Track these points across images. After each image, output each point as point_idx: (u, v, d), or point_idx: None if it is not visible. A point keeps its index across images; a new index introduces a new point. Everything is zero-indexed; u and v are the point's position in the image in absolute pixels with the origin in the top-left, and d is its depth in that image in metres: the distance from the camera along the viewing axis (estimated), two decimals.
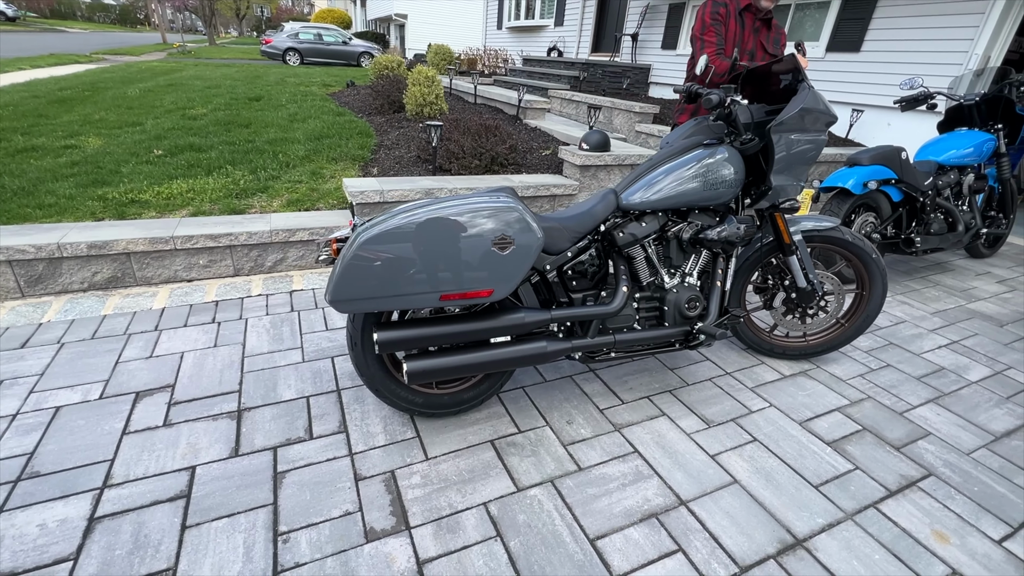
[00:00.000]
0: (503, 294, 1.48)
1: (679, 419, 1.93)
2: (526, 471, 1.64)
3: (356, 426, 1.79)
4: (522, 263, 1.46)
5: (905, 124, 4.96)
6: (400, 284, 1.39)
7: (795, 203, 1.90)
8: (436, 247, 1.38)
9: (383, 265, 1.36)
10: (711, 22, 2.54)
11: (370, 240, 1.35)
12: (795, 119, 1.74)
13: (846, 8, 5.34)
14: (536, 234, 1.46)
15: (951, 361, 2.43)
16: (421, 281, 1.39)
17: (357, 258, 1.35)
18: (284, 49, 17.88)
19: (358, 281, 1.37)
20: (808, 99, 1.73)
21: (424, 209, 1.40)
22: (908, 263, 3.72)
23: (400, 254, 1.36)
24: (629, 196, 1.80)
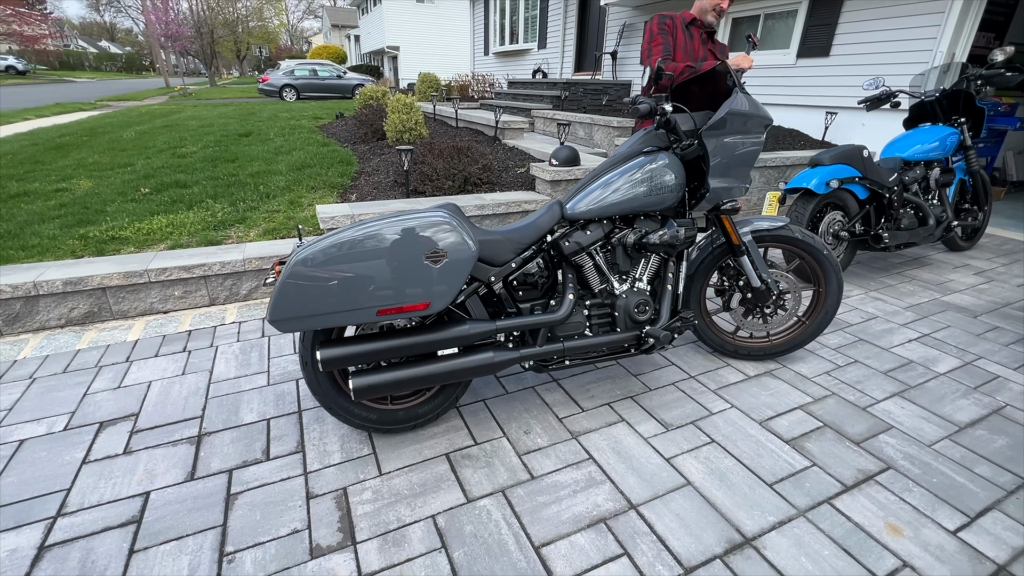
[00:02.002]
0: (440, 307, 1.51)
1: (638, 424, 1.93)
2: (478, 482, 1.64)
3: (314, 445, 1.80)
4: (456, 276, 1.50)
5: (879, 123, 5.01)
6: (335, 301, 1.42)
7: (736, 204, 1.93)
8: (369, 264, 1.42)
9: (317, 284, 1.40)
10: (658, 31, 2.63)
11: (302, 260, 1.40)
12: (724, 123, 1.78)
13: (813, 15, 5.45)
14: (469, 247, 1.50)
15: (920, 354, 2.42)
16: (356, 297, 1.43)
17: (291, 278, 1.39)
18: (280, 86, 18.42)
19: (294, 300, 1.41)
20: (735, 103, 1.78)
21: (358, 228, 1.45)
22: (885, 259, 3.72)
23: (333, 272, 1.41)
24: (574, 206, 1.84)
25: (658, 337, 1.84)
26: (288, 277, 1.40)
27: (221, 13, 36.45)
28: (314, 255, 1.40)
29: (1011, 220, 4.76)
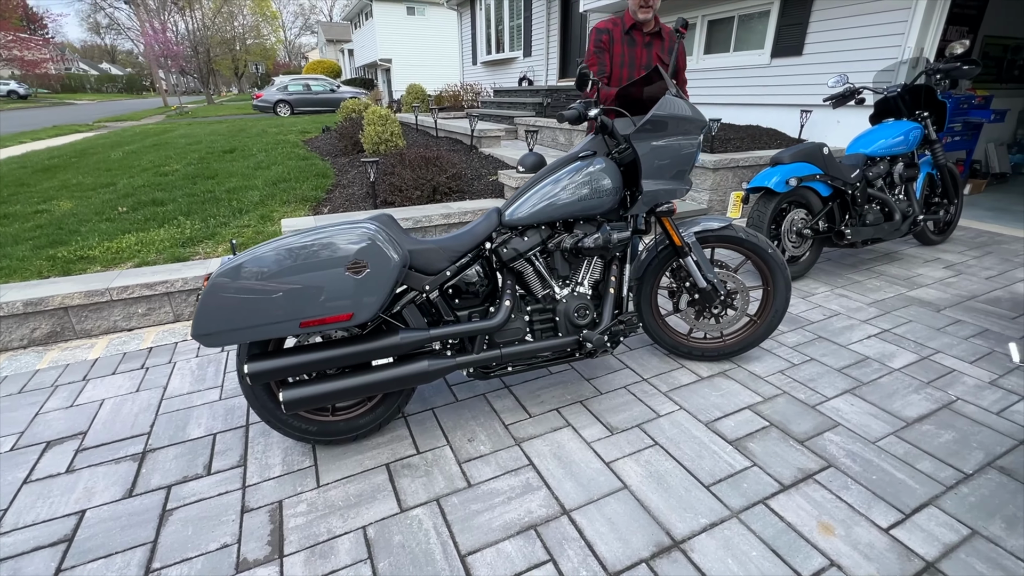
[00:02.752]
0: (365, 317, 1.52)
1: (583, 429, 1.92)
2: (414, 492, 1.64)
3: (256, 459, 1.81)
4: (380, 286, 1.51)
5: (854, 120, 5.01)
6: (257, 314, 1.44)
7: (671, 206, 1.94)
8: (289, 276, 1.43)
9: (238, 297, 1.42)
10: (594, 51, 2.65)
11: (223, 274, 1.41)
12: (653, 126, 1.79)
13: (784, 14, 5.48)
14: (392, 258, 1.51)
15: (877, 350, 2.41)
16: (277, 310, 1.44)
17: (211, 292, 1.41)
18: (274, 102, 18.62)
19: (216, 314, 1.42)
20: (661, 107, 1.79)
21: (279, 241, 1.47)
22: (855, 255, 3.71)
23: (254, 285, 1.42)
24: (512, 213, 1.85)
25: (592, 341, 1.84)
26: (209, 292, 1.41)
27: (218, 32, 36.97)
28: (234, 269, 1.42)
29: (989, 212, 4.74)
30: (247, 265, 1.42)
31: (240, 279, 1.41)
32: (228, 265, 1.43)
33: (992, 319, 2.68)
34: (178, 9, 33.14)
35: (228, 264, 1.43)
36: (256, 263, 1.42)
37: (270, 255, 1.43)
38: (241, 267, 1.42)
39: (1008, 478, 1.63)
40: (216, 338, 1.45)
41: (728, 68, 6.29)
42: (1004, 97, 5.91)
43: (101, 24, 65.03)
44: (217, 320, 1.43)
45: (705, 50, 6.68)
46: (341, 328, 1.56)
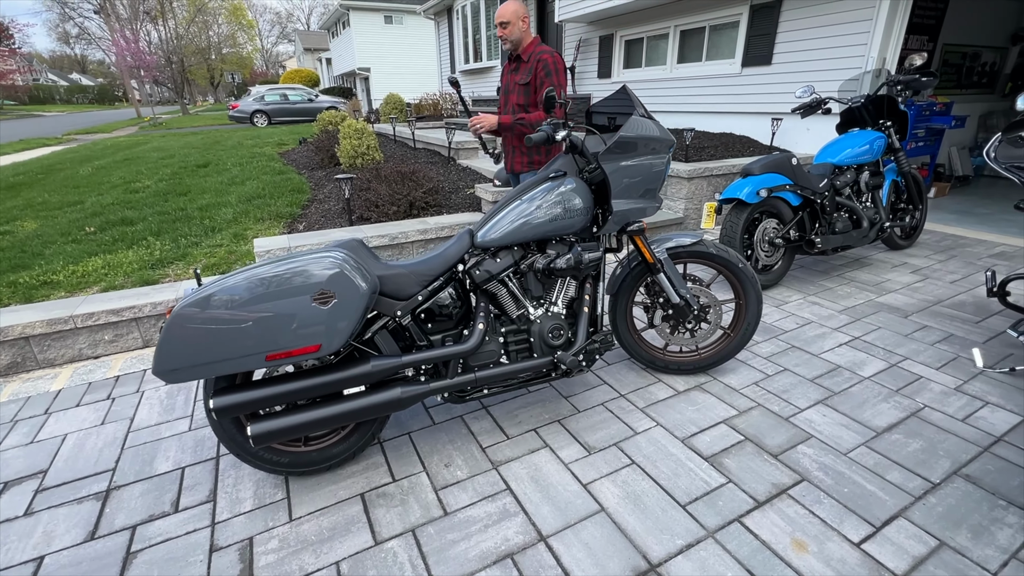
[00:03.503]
0: (334, 347, 1.50)
1: (560, 449, 1.92)
2: (389, 523, 1.61)
3: (226, 493, 1.76)
4: (347, 315, 1.48)
5: (823, 128, 5.13)
6: (221, 349, 1.40)
7: (642, 224, 1.95)
8: (254, 308, 1.40)
9: (201, 331, 1.38)
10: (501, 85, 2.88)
11: (185, 307, 1.38)
12: (620, 147, 1.81)
13: (753, 25, 5.60)
14: (359, 286, 1.49)
15: (848, 359, 2.46)
16: (243, 344, 1.41)
17: (172, 327, 1.37)
18: (251, 112, 18.39)
19: (178, 349, 1.38)
20: (628, 127, 1.81)
21: (243, 272, 1.44)
22: (827, 263, 3.79)
23: (216, 318, 1.38)
24: (484, 235, 1.84)
25: (565, 362, 1.84)
26: (171, 325, 1.37)
27: (193, 41, 36.39)
28: (196, 302, 1.38)
29: (953, 215, 4.89)
30: (209, 297, 1.38)
31: (202, 311, 1.38)
32: (192, 297, 1.39)
33: (957, 324, 2.76)
34: (151, 19, 32.55)
35: (192, 296, 1.40)
36: (219, 295, 1.39)
37: (233, 286, 1.40)
38: (204, 300, 1.38)
39: (973, 486, 1.67)
40: (179, 374, 1.41)
41: (701, 77, 6.40)
42: (964, 103, 6.12)
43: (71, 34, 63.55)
44: (180, 355, 1.39)
45: (678, 59, 6.79)
46: (310, 359, 1.53)
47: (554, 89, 1.81)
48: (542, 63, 2.57)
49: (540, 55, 2.59)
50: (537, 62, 2.59)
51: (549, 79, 2.56)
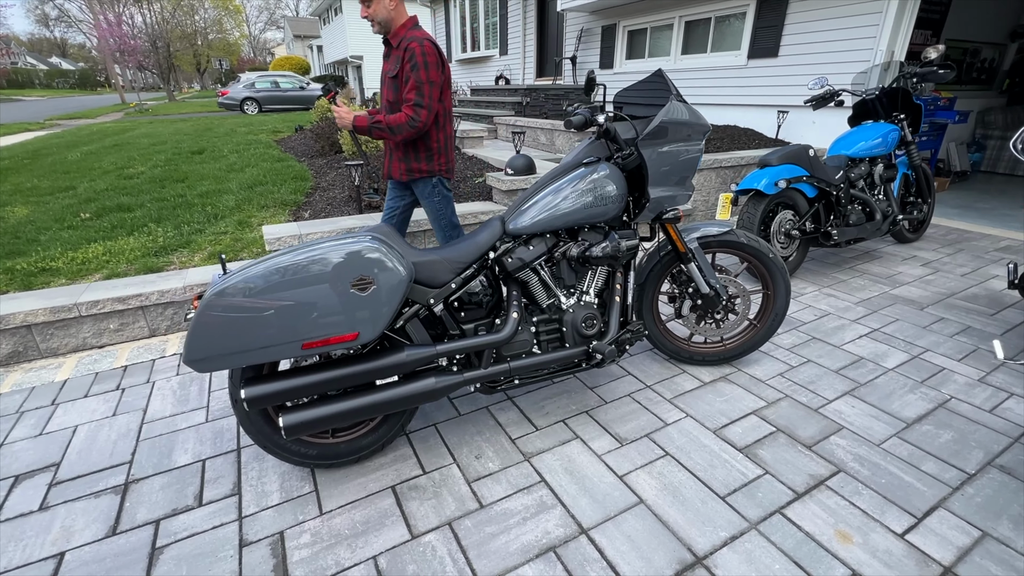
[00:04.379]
0: (371, 335, 1.44)
1: (592, 440, 1.89)
2: (424, 516, 1.57)
3: (251, 486, 1.70)
4: (386, 303, 1.43)
5: (829, 121, 5.13)
6: (255, 337, 1.34)
7: (677, 212, 1.92)
8: (289, 295, 1.34)
9: (234, 319, 1.32)
10: None
11: (218, 294, 1.31)
12: (659, 132, 1.77)
13: (760, 16, 5.57)
14: (399, 272, 1.43)
15: (870, 350, 2.45)
16: (277, 331, 1.35)
17: (205, 314, 1.31)
18: (241, 99, 18.02)
19: (210, 338, 1.32)
20: (667, 112, 1.77)
21: (279, 257, 1.37)
22: (838, 255, 3.80)
23: (251, 305, 1.32)
24: (515, 222, 1.79)
25: (603, 352, 1.80)
26: (202, 314, 1.31)
27: (179, 26, 35.48)
28: (230, 289, 1.32)
29: (955, 210, 4.93)
30: (242, 283, 1.32)
31: (235, 298, 1.31)
32: (222, 284, 1.33)
33: (973, 316, 2.77)
34: (134, 1, 31.65)
35: (222, 283, 1.33)
36: (252, 281, 1.32)
37: (267, 272, 1.34)
38: (238, 286, 1.32)
39: (1009, 477, 1.67)
40: (211, 363, 1.34)
41: (706, 68, 6.37)
42: (965, 98, 6.17)
43: (50, 16, 61.66)
44: (212, 344, 1.32)
45: (683, 50, 6.75)
46: (346, 348, 1.47)
47: (594, 72, 1.75)
48: (409, 52, 2.07)
49: (408, 42, 2.09)
50: (404, 51, 2.10)
51: (416, 74, 2.07)
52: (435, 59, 2.12)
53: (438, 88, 2.17)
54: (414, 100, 2.11)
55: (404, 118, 2.13)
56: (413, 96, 2.11)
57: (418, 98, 2.11)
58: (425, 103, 2.13)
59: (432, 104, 2.15)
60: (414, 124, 2.13)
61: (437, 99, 2.18)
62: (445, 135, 2.35)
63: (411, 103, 2.12)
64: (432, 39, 2.15)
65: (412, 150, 2.31)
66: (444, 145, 2.35)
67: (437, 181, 2.41)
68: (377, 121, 2.16)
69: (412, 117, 2.12)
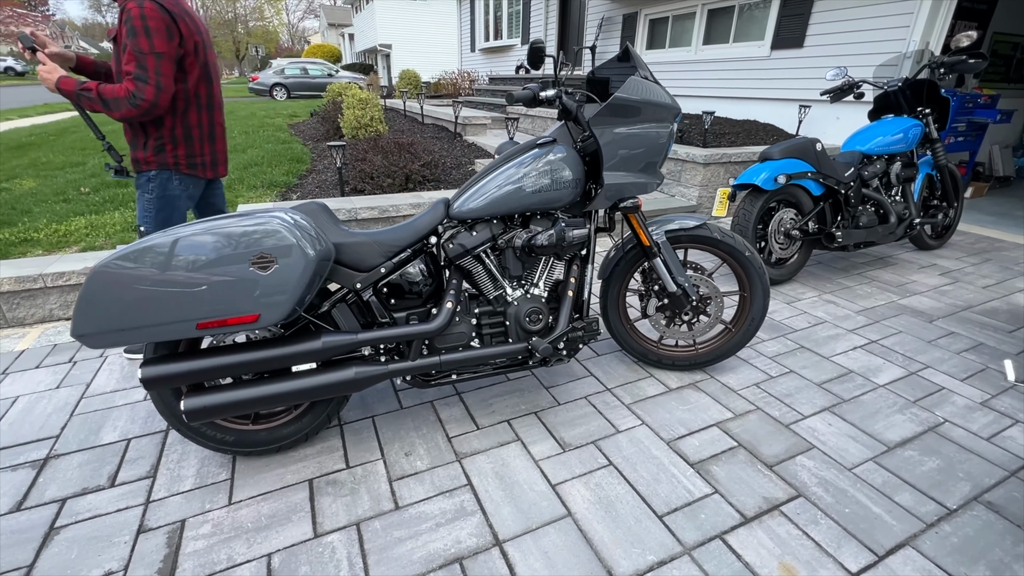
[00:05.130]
0: (275, 318, 1.34)
1: (533, 444, 1.75)
2: (334, 514, 1.47)
3: (168, 469, 1.64)
4: (290, 284, 1.32)
5: (854, 116, 4.80)
6: (146, 313, 1.25)
7: (636, 201, 1.75)
8: (184, 269, 1.25)
9: (124, 292, 1.23)
10: None
11: (108, 264, 1.23)
12: (613, 110, 1.61)
13: (786, 5, 5.24)
14: (305, 251, 1.32)
15: (862, 363, 2.23)
16: (169, 309, 1.26)
17: (92, 286, 1.23)
18: (271, 85, 18.32)
19: (98, 312, 1.24)
20: (625, 89, 1.60)
21: (174, 231, 1.28)
22: (847, 259, 3.53)
23: (142, 278, 1.23)
24: (460, 205, 1.67)
25: (539, 350, 1.66)
26: (90, 284, 1.23)
27: (220, 13, 36.37)
28: (120, 259, 1.23)
29: (991, 217, 4.54)
30: (134, 256, 1.23)
31: (125, 271, 1.23)
32: (116, 253, 1.25)
33: (988, 332, 2.50)
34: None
35: (116, 252, 1.25)
36: (144, 254, 1.24)
37: (163, 243, 1.25)
38: (126, 259, 1.23)
39: (996, 515, 1.46)
40: (100, 339, 1.27)
41: (726, 60, 6.06)
42: (1011, 97, 5.69)
43: (103, 2, 64.13)
44: (100, 319, 1.25)
45: (704, 40, 6.44)
46: (248, 330, 1.38)
47: (541, 42, 1.59)
48: (126, 14, 1.70)
49: (127, 3, 1.71)
50: (122, 11, 1.73)
51: (134, 41, 1.69)
52: (159, 24, 1.71)
53: (170, 61, 1.75)
54: (134, 73, 1.71)
55: (124, 91, 1.72)
56: (132, 68, 1.72)
57: (139, 71, 1.71)
58: (150, 78, 1.72)
59: (163, 81, 1.74)
60: (136, 102, 1.72)
61: (170, 76, 1.77)
62: (188, 124, 1.92)
63: (131, 76, 1.71)
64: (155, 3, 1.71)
65: (140, 135, 1.88)
66: (185, 135, 1.93)
67: (167, 177, 1.95)
68: (87, 88, 1.73)
69: (133, 93, 1.71)
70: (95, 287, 1.23)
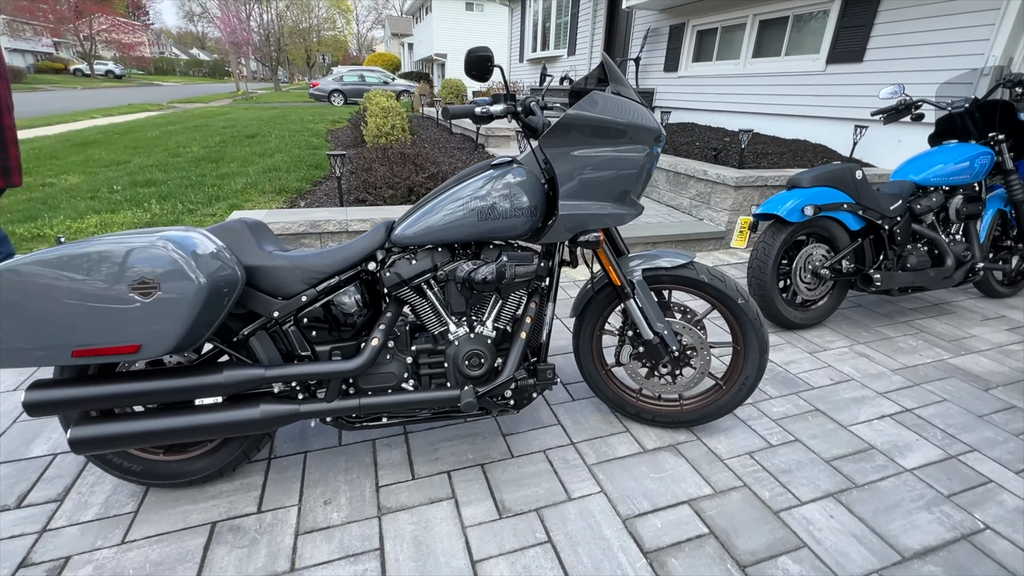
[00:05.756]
0: (159, 350, 1.21)
1: (468, 505, 1.54)
2: (222, 569, 1.32)
3: (79, 494, 1.55)
4: (176, 313, 1.19)
5: (920, 138, 4.27)
6: (18, 335, 1.15)
7: (596, 236, 1.51)
8: (60, 291, 1.14)
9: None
10: None
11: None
12: (568, 128, 1.39)
13: (845, 15, 4.77)
14: (192, 279, 1.18)
15: (888, 438, 1.86)
16: (43, 333, 1.15)
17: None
18: (329, 91, 19.09)
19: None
20: (582, 105, 1.38)
21: (67, 247, 1.18)
22: (894, 303, 3.07)
23: (11, 300, 1.13)
24: (403, 229, 1.49)
25: (462, 404, 1.44)
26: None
27: (294, 22, 38.61)
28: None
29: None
30: (11, 272, 1.13)
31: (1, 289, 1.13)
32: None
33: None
34: (257, 1, 34.88)
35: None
36: (22, 269, 1.14)
37: (40, 261, 1.14)
38: (5, 274, 1.13)
39: None
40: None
41: (777, 74, 5.61)
42: None
43: (195, 12, 69.93)
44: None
45: (754, 53, 6.01)
46: (129, 361, 1.25)
47: (488, 49, 1.38)
48: None
49: None
50: None
51: None
52: None
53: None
54: None
55: None
56: None
57: None
58: None
59: None
60: None
61: None
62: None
63: None
64: None
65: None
66: None
67: None
68: None
69: None
70: None
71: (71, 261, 1.14)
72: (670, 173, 4.53)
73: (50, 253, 1.15)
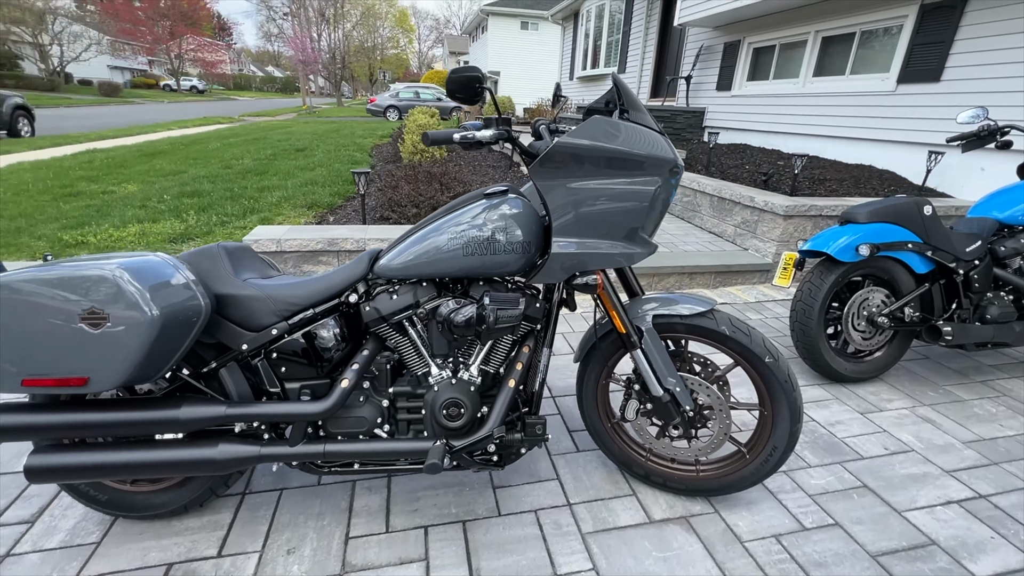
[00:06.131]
0: (109, 383, 1.14)
1: (441, 570, 1.37)
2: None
3: (51, 517, 1.51)
4: (126, 346, 1.11)
5: (1004, 169, 3.78)
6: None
7: (594, 279, 1.32)
8: (12, 317, 1.09)
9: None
10: None
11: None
12: (562, 158, 1.23)
13: (921, 31, 4.34)
14: (143, 311, 1.10)
15: (954, 531, 1.54)
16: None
17: None
18: (385, 107, 19.83)
19: None
20: (578, 132, 1.21)
21: (26, 271, 1.14)
22: (971, 359, 2.65)
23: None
24: (388, 261, 1.38)
25: (427, 466, 1.27)
26: None
27: (359, 41, 40.65)
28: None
29: None
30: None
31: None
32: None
33: None
34: (326, 21, 37.03)
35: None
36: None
37: None
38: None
39: None
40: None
41: (841, 94, 5.19)
42: None
43: (272, 33, 75.32)
44: None
45: (815, 71, 5.61)
46: (77, 394, 1.19)
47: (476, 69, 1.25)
48: None
49: None
50: None
51: None
52: None
53: None
54: None
55: None
56: None
57: None
58: None
59: None
60: None
61: None
62: None
63: None
64: None
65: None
66: None
67: None
68: None
69: None
70: None
71: (24, 285, 1.09)
72: (714, 198, 4.24)
73: (4, 276, 1.11)
